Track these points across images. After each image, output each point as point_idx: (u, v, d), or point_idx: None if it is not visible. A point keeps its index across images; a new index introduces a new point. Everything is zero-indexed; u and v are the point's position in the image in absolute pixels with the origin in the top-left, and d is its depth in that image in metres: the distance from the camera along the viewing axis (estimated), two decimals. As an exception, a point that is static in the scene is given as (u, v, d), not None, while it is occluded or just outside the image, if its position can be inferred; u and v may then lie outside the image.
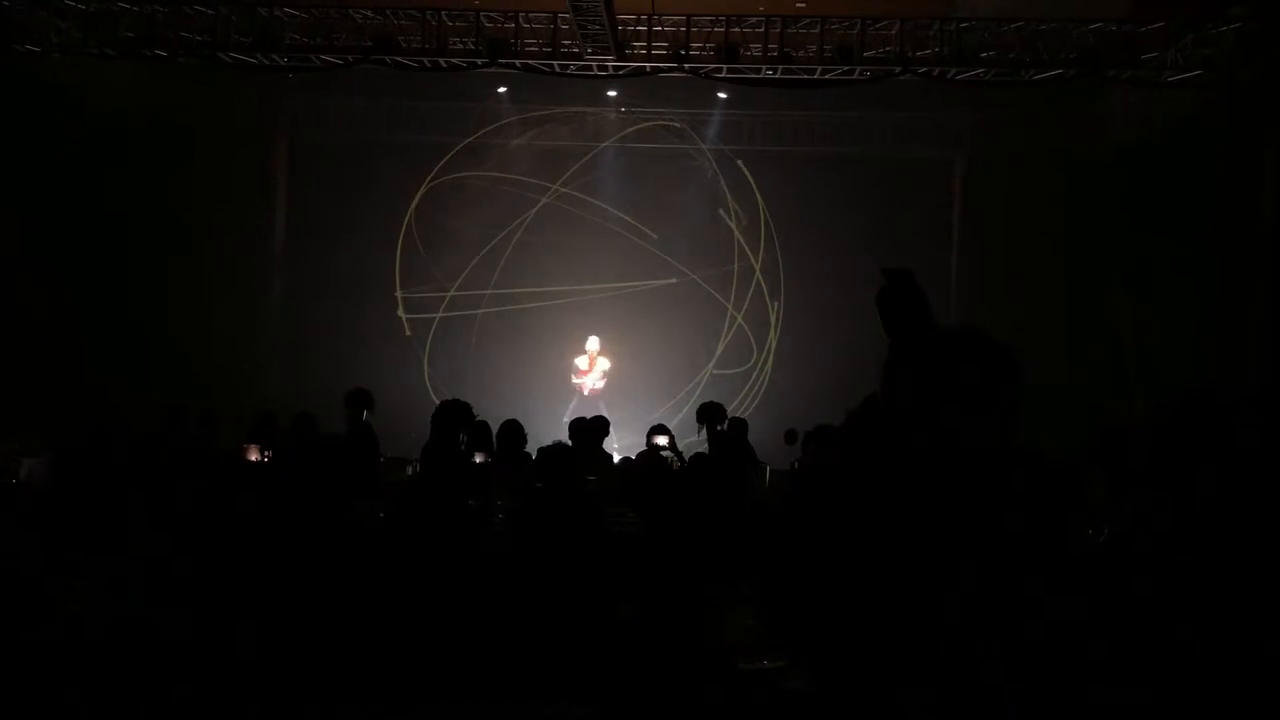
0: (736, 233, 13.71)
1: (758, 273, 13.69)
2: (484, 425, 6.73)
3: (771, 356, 13.51)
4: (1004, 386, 2.29)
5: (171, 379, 11.30)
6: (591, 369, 12.89)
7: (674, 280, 13.51)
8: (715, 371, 13.48)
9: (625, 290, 13.45)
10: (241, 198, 13.07)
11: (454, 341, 13.60)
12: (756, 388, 13.44)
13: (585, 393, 12.69)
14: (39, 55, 10.15)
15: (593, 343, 12.89)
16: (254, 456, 6.37)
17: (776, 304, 13.57)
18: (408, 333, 13.53)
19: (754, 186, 13.53)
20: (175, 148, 12.27)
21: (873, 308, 3.06)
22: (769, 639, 3.12)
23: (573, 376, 12.93)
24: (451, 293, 13.49)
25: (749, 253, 13.73)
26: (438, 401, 6.68)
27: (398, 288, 13.51)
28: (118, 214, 11.74)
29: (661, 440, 7.55)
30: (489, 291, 13.46)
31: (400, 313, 13.51)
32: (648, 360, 13.15)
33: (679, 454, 7.51)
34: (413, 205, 13.40)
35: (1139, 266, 11.64)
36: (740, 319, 13.66)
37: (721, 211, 13.73)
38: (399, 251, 13.44)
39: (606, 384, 12.87)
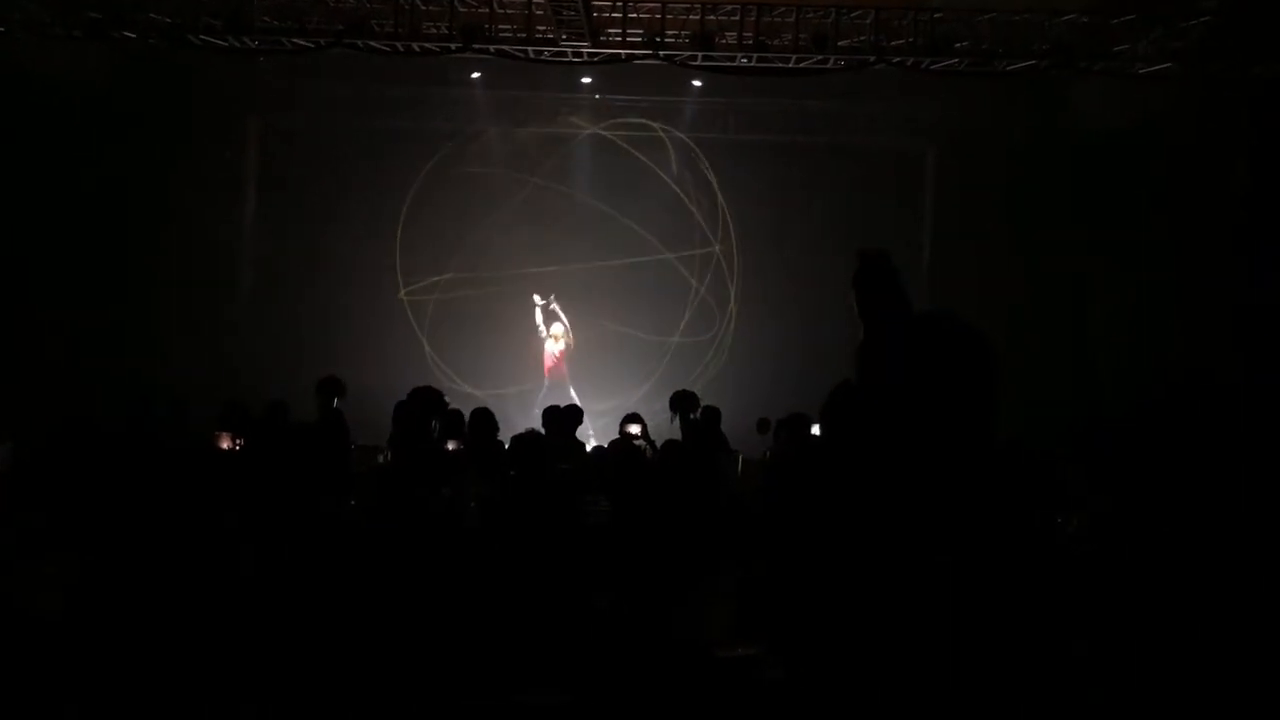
0: (698, 216, 13.94)
1: (717, 253, 13.97)
2: (456, 413, 6.72)
3: (733, 321, 13.86)
4: (982, 374, 2.29)
5: (145, 365, 11.18)
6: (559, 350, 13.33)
7: (642, 259, 13.78)
8: (680, 340, 13.80)
9: (595, 270, 13.64)
10: (214, 182, 12.93)
11: (442, 326, 13.69)
12: (720, 354, 13.77)
13: (547, 365, 13.12)
14: (3, 36, 9.96)
15: (558, 328, 13.27)
16: (225, 445, 6.31)
17: (734, 282, 13.90)
18: (409, 316, 13.70)
19: (712, 171, 13.79)
20: (148, 131, 12.12)
21: (839, 299, 3.06)
22: (745, 628, 3.13)
23: (544, 344, 13.30)
24: (443, 278, 13.65)
25: (710, 235, 13.98)
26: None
27: (398, 273, 13.66)
28: (88, 200, 11.57)
29: (634, 429, 7.56)
30: (475, 275, 13.60)
31: (401, 295, 13.68)
32: (616, 335, 13.48)
33: (650, 442, 7.52)
34: (407, 199, 13.46)
35: (1110, 258, 11.74)
36: (703, 290, 14.03)
37: (685, 196, 13.94)
38: (399, 238, 13.55)
39: (579, 356, 13.27)
